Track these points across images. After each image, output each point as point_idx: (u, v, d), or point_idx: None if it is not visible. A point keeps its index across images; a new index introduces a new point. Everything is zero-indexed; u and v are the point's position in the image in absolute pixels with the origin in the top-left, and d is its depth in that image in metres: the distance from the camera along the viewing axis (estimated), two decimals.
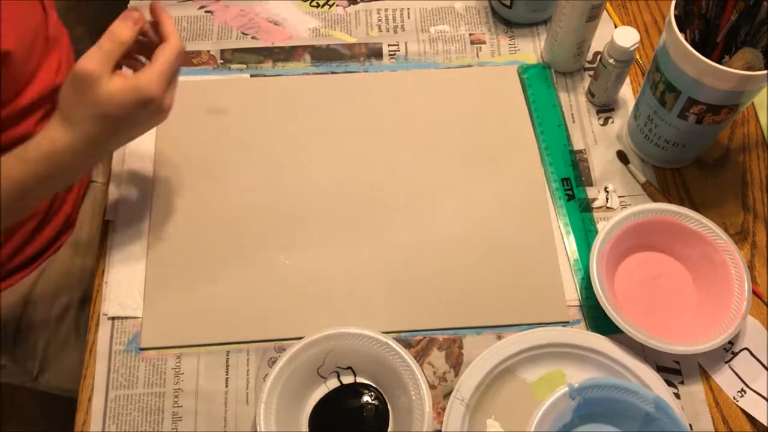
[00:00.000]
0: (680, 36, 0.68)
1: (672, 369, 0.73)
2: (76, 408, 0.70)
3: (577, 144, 0.85)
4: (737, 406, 0.71)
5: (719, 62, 0.71)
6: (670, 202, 0.80)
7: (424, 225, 0.79)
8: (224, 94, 0.87)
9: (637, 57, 0.90)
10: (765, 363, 0.73)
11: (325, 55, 0.91)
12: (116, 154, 0.83)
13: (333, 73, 0.90)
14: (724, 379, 0.72)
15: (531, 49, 0.92)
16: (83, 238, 0.90)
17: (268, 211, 0.80)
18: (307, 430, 0.69)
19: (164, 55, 0.63)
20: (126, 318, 0.74)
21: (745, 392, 0.71)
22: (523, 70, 0.89)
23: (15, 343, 0.87)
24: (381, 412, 0.70)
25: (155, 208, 0.80)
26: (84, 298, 0.89)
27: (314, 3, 0.95)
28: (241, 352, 0.73)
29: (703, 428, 0.70)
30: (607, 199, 0.82)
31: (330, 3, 0.95)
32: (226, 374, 0.72)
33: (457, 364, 0.73)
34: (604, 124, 0.87)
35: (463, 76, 0.89)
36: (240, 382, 0.72)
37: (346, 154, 0.84)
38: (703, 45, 0.73)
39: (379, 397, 0.70)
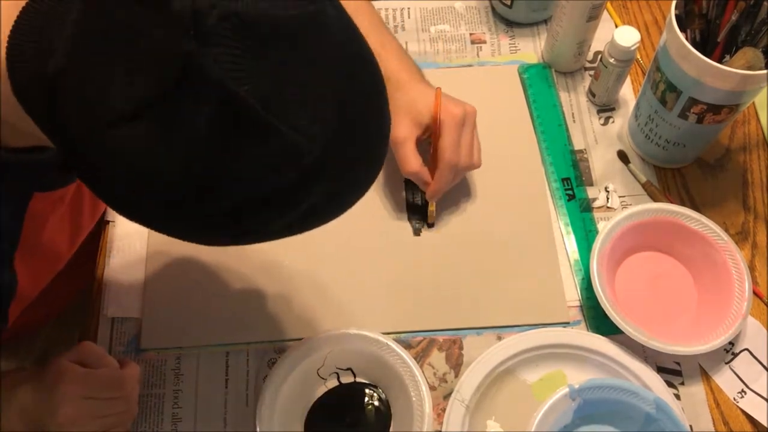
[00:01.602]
0: (681, 36, 0.68)
1: (672, 370, 0.73)
2: None
3: (578, 144, 0.85)
4: (737, 406, 0.71)
5: (720, 62, 0.71)
6: (671, 202, 0.80)
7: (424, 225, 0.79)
8: None
9: (638, 57, 0.90)
10: (765, 364, 0.72)
11: None
12: None
13: None
14: (724, 379, 0.72)
15: (531, 48, 0.92)
16: None
17: None
18: (306, 429, 0.69)
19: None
20: (126, 318, 0.74)
21: (745, 393, 0.71)
22: (524, 70, 0.89)
23: (16, 346, 0.87)
24: (383, 413, 0.70)
25: None
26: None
27: None
28: (240, 354, 0.73)
29: (703, 429, 0.70)
30: (608, 199, 0.81)
31: None
32: (226, 375, 0.72)
33: (457, 365, 0.73)
34: (605, 123, 0.87)
35: (463, 76, 0.89)
36: (240, 383, 0.71)
37: None
38: (704, 45, 0.73)
39: (380, 397, 0.70)
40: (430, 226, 0.79)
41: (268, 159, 0.38)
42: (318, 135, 0.39)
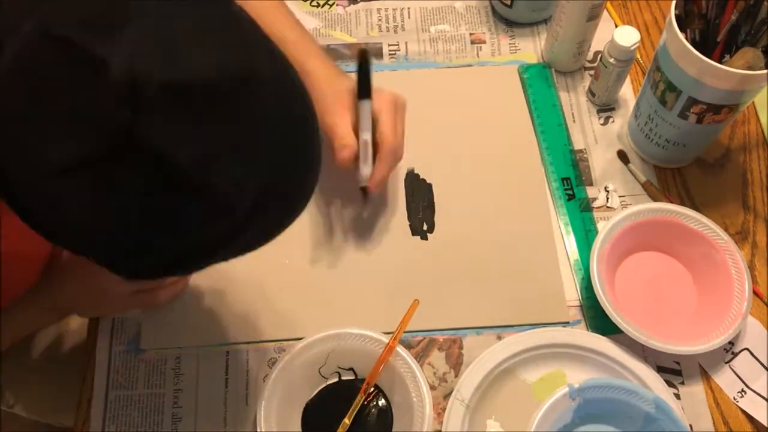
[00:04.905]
0: (681, 35, 0.68)
1: (672, 369, 0.73)
2: (77, 408, 0.70)
3: (578, 143, 0.85)
4: (737, 406, 0.71)
5: (720, 62, 0.71)
6: (671, 201, 0.80)
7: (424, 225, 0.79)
8: None
9: (638, 56, 0.90)
10: (765, 363, 0.72)
11: None
12: None
13: None
14: (724, 379, 0.72)
15: (531, 48, 0.92)
16: None
17: None
18: (305, 428, 0.69)
19: None
20: (126, 318, 0.74)
21: (745, 392, 0.71)
22: (524, 70, 0.89)
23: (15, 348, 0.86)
24: (383, 412, 0.70)
25: None
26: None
27: (314, 3, 0.95)
28: (240, 353, 0.73)
29: (703, 429, 0.70)
30: (608, 198, 0.81)
31: (330, 3, 0.95)
32: (226, 375, 0.72)
33: (457, 364, 0.73)
34: (605, 123, 0.87)
35: (463, 76, 0.89)
36: (240, 383, 0.72)
37: None
38: (704, 44, 0.73)
39: (382, 397, 0.70)
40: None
41: (201, 216, 0.40)
42: (249, 188, 0.41)
